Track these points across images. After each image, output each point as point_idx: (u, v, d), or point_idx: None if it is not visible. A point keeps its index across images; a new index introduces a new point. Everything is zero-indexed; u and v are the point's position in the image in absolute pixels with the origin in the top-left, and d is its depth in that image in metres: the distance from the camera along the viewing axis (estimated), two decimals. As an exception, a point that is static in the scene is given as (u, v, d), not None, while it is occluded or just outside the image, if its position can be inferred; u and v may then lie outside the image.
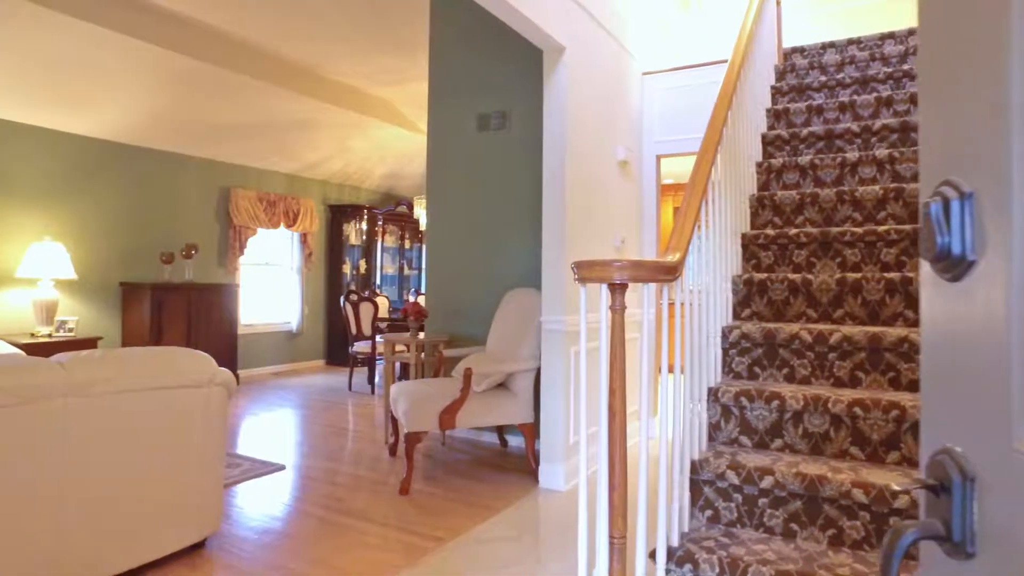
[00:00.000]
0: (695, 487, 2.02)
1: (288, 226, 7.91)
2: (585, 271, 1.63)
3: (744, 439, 2.15)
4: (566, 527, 3.06)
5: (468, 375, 3.59)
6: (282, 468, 3.95)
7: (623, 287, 1.70)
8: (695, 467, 2.00)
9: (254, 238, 7.56)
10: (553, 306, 3.58)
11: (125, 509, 2.39)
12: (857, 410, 1.96)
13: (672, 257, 1.79)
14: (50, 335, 5.31)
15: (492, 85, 4.67)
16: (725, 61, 4.39)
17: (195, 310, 6.37)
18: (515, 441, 4.51)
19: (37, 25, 4.48)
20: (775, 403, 2.07)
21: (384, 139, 7.82)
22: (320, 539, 2.90)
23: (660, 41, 4.91)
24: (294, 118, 6.72)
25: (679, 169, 7.37)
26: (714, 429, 2.22)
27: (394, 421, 4.25)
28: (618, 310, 1.71)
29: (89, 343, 5.44)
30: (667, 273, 1.72)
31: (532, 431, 3.78)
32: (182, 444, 2.58)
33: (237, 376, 6.81)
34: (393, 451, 4.27)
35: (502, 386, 3.88)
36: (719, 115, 2.46)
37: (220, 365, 6.53)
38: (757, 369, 2.36)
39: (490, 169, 4.70)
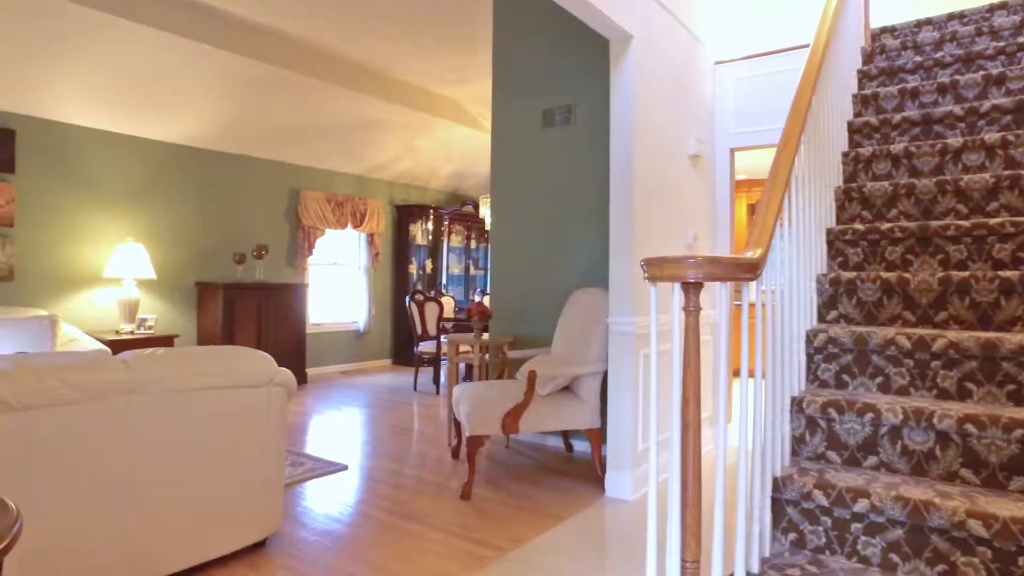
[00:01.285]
0: (777, 507, 1.83)
1: (355, 226, 8.01)
2: (656, 269, 1.49)
3: (832, 455, 1.94)
4: (633, 541, 2.90)
5: (532, 378, 3.48)
6: (345, 468, 3.94)
7: (698, 286, 1.55)
8: (777, 484, 1.81)
9: (322, 238, 7.68)
10: (621, 306, 3.42)
11: (187, 507, 2.40)
12: (970, 427, 1.73)
13: (753, 253, 1.61)
14: (132, 332, 5.52)
15: (557, 79, 4.54)
16: (804, 47, 4.11)
17: (265, 309, 6.51)
18: (581, 446, 4.37)
19: (119, 37, 4.65)
20: (868, 416, 1.86)
21: (450, 138, 7.80)
22: (380, 543, 2.84)
23: (733, 28, 4.65)
24: (361, 119, 6.78)
25: (753, 164, 7.03)
26: (797, 443, 2.02)
27: (457, 423, 4.17)
28: (692, 311, 1.55)
29: (166, 340, 5.63)
30: (747, 271, 1.55)
31: (598, 437, 3.63)
32: (242, 444, 2.57)
33: (305, 374, 6.93)
34: (456, 453, 4.20)
35: (568, 389, 3.75)
36: (802, 100, 2.25)
37: (288, 363, 6.72)
38: (846, 377, 2.14)
39: (555, 166, 4.57)
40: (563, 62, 4.50)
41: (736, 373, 5.59)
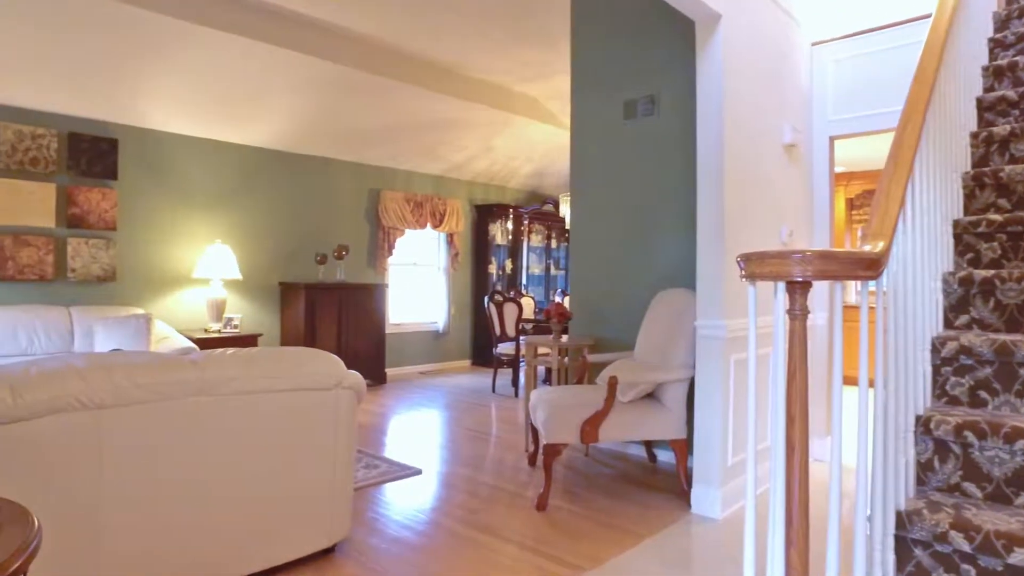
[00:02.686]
0: (902, 546, 1.56)
1: (435, 226, 8.00)
2: (755, 265, 1.27)
3: (970, 487, 1.64)
4: (722, 564, 2.65)
5: (613, 384, 3.27)
6: (419, 472, 3.86)
7: (805, 286, 1.31)
8: (902, 520, 1.54)
9: (402, 239, 7.71)
10: (709, 308, 3.15)
11: (254, 510, 2.35)
12: None
13: (873, 247, 1.36)
14: (219, 331, 5.69)
15: (639, 69, 4.30)
16: (917, 19, 3.70)
17: (345, 309, 6.57)
18: (665, 456, 4.11)
19: (204, 46, 4.78)
20: (1021, 443, 1.55)
21: (529, 136, 7.66)
22: (450, 554, 2.71)
23: (832, 5, 4.26)
24: (439, 118, 6.74)
25: (853, 154, 6.51)
26: (923, 470, 1.73)
27: (533, 429, 4.01)
28: (799, 316, 1.32)
29: (251, 339, 5.77)
30: (867, 268, 1.30)
31: (684, 448, 3.37)
32: (310, 447, 2.50)
33: (384, 374, 6.96)
34: (532, 460, 4.04)
35: (651, 397, 3.51)
36: (927, 73, 1.95)
37: (368, 363, 6.77)
38: (984, 394, 1.82)
39: (637, 160, 4.33)
40: (645, 50, 4.26)
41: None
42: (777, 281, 1.27)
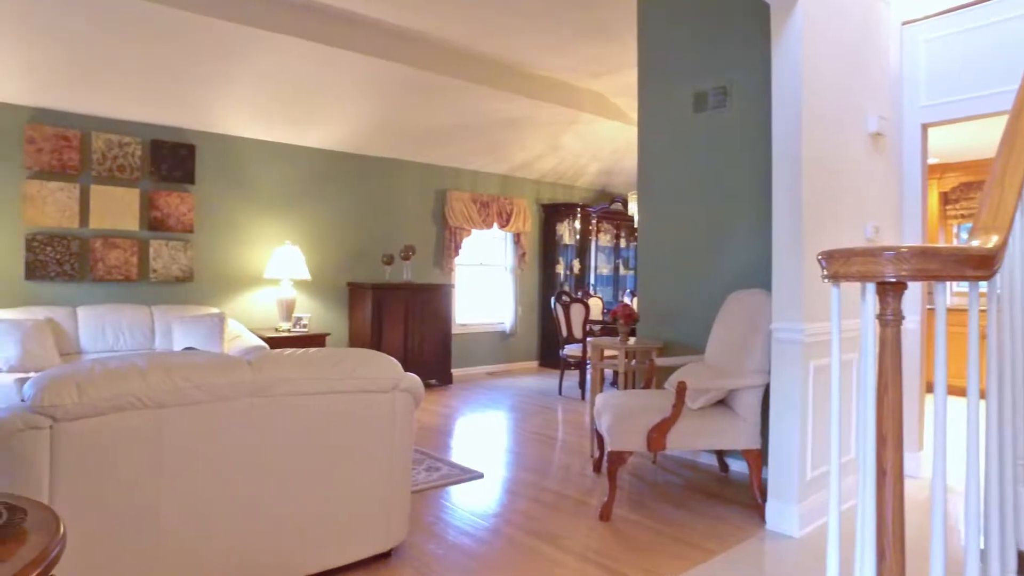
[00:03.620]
0: (1016, 586, 1.36)
1: (501, 226, 7.96)
2: (839, 264, 1.11)
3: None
4: (803, 588, 2.45)
5: (682, 389, 3.10)
6: (481, 476, 3.79)
7: (899, 287, 1.15)
8: None
9: (468, 239, 7.69)
10: (786, 310, 2.94)
11: (309, 513, 2.33)
12: None
13: (985, 242, 1.18)
14: (289, 330, 5.81)
15: (709, 59, 4.10)
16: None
17: (412, 309, 6.60)
18: (738, 465, 3.89)
19: (273, 51, 4.87)
20: None
21: (596, 133, 7.50)
22: (509, 564, 2.62)
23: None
24: (505, 117, 6.68)
25: (946, 144, 6.04)
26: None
27: (599, 434, 3.87)
28: (892, 321, 1.16)
29: (319, 339, 5.86)
30: (977, 266, 1.12)
31: (758, 459, 3.17)
32: (366, 450, 2.47)
33: (450, 375, 6.96)
34: (597, 467, 3.91)
35: (722, 404, 3.32)
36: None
37: (434, 364, 6.78)
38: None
39: (708, 154, 4.12)
40: (716, 38, 4.05)
41: (930, 390, 4.75)
42: (866, 282, 1.11)
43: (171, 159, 5.49)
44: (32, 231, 4.98)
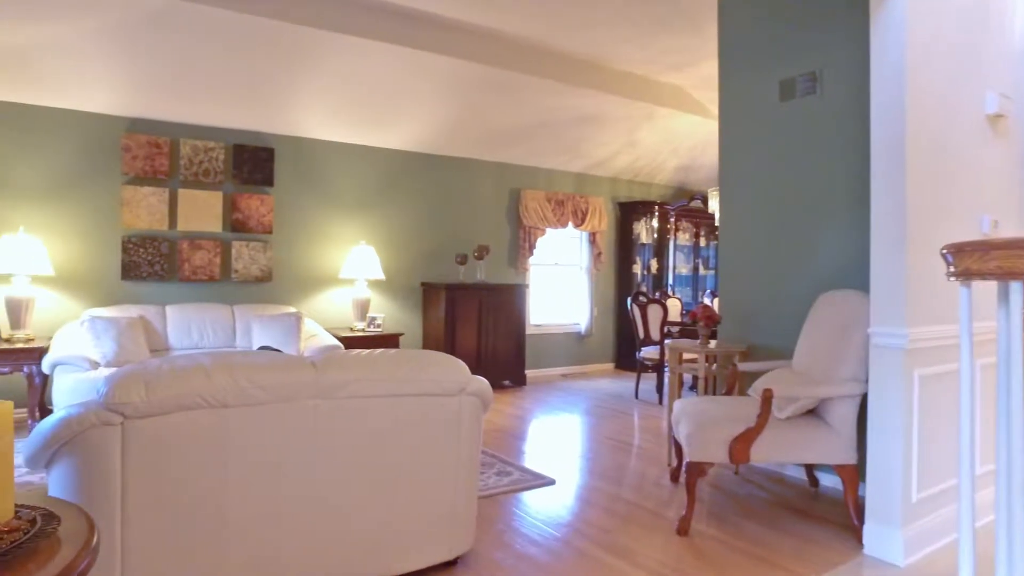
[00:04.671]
0: None
1: (576, 225, 7.80)
2: (972, 259, 0.93)
3: None
4: (908, 623, 2.19)
5: (768, 397, 2.88)
6: (553, 483, 3.67)
7: (1042, 287, 0.95)
8: None
9: (543, 238, 7.59)
10: (887, 314, 2.67)
11: (371, 518, 2.27)
12: None
13: None
14: (363, 330, 5.88)
15: (797, 43, 3.82)
16: None
17: (486, 309, 6.55)
18: (830, 480, 3.60)
19: (347, 53, 4.93)
20: None
21: (675, 128, 7.24)
22: (579, 580, 2.49)
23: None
24: (579, 114, 6.53)
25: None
26: None
27: (677, 442, 3.68)
28: (1033, 328, 0.96)
29: (392, 339, 5.90)
30: None
31: (854, 475, 2.89)
32: (431, 455, 2.39)
33: (524, 376, 6.87)
34: (675, 477, 3.71)
35: (813, 414, 3.06)
36: None
37: (508, 365, 6.70)
38: None
39: (796, 145, 3.85)
40: (804, 21, 3.77)
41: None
42: (1010, 280, 0.92)
43: (252, 162, 5.66)
44: (127, 234, 5.23)
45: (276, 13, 4.46)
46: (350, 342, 5.52)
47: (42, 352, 4.47)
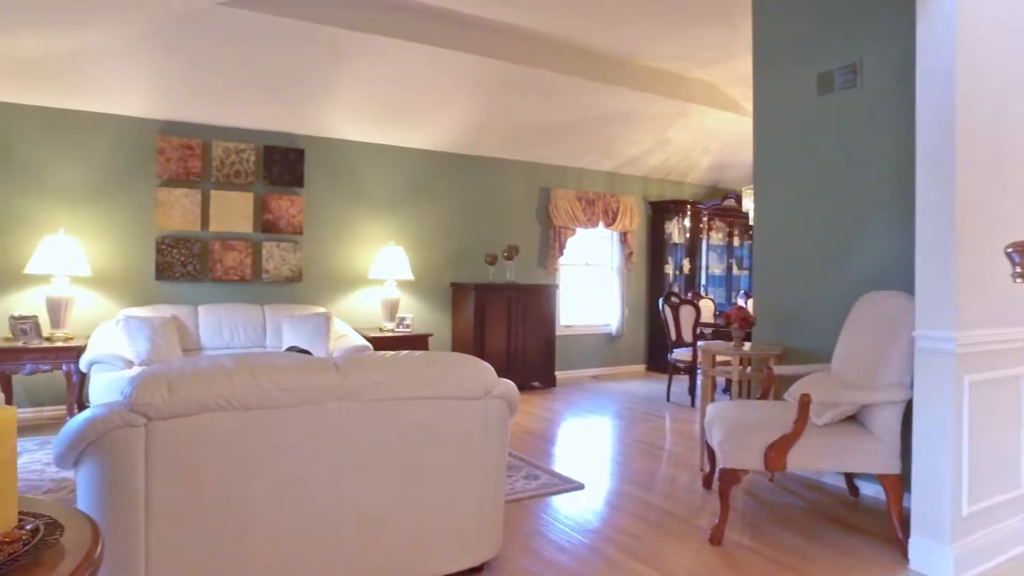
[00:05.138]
0: None
1: (607, 225, 7.70)
2: (1039, 257, 0.84)
3: None
4: (958, 644, 2.07)
5: (805, 403, 2.77)
6: (581, 487, 3.60)
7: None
8: None
9: (573, 238, 7.50)
10: (934, 316, 2.54)
11: (395, 522, 2.23)
12: None
13: None
14: (392, 330, 5.87)
15: (835, 34, 3.69)
16: None
17: (515, 310, 6.50)
18: (870, 488, 3.46)
19: (379, 54, 4.92)
20: None
21: (707, 126, 7.09)
22: (608, 589, 2.42)
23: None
24: (611, 112, 6.44)
25: None
26: None
27: (709, 447, 3.57)
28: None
29: (422, 339, 5.88)
30: None
31: (898, 486, 2.76)
32: (456, 459, 2.34)
33: (554, 377, 6.79)
34: (708, 483, 3.61)
35: (853, 420, 2.94)
36: None
37: (538, 366, 6.63)
38: None
39: (834, 140, 3.71)
40: (841, 10, 3.64)
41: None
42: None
43: (282, 163, 5.69)
44: (161, 235, 5.31)
45: (307, 15, 4.47)
46: (379, 342, 5.51)
47: (80, 351, 4.56)
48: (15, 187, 4.90)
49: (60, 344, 4.61)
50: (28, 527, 0.84)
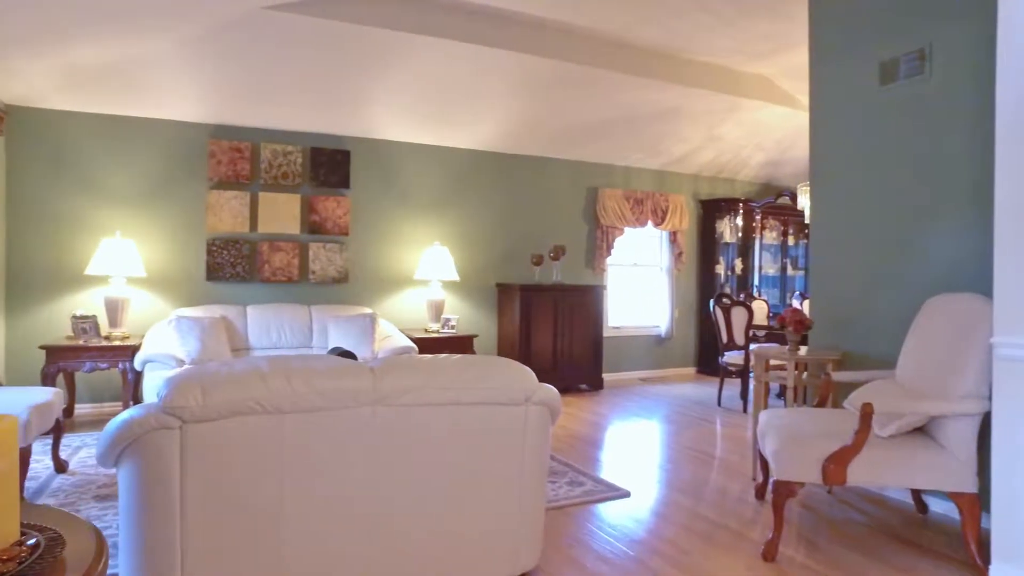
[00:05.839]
0: None
1: (656, 224, 7.52)
2: None
3: None
4: None
5: (867, 413, 2.59)
6: (627, 495, 3.48)
7: None
8: None
9: (621, 238, 7.35)
10: (1015, 320, 2.33)
11: (430, 530, 2.17)
12: None
13: None
14: (437, 331, 5.84)
15: (899, 18, 3.47)
16: None
17: (561, 311, 6.40)
18: (941, 505, 3.23)
19: (423, 53, 4.89)
20: None
21: (760, 122, 6.83)
22: (653, 606, 2.31)
23: None
24: (658, 109, 6.27)
25: None
26: None
27: (762, 457, 3.40)
28: None
29: (467, 340, 5.84)
30: None
31: (974, 506, 2.56)
32: (494, 468, 2.27)
33: (601, 380, 6.66)
34: (760, 493, 3.44)
35: (921, 432, 2.74)
36: None
37: (585, 368, 6.51)
38: None
39: (899, 133, 3.50)
40: (913, -7, 3.42)
41: None
42: None
43: (328, 165, 5.74)
44: (212, 236, 5.41)
45: (351, 16, 4.47)
46: (424, 343, 5.49)
47: (135, 349, 4.68)
48: (77, 192, 5.07)
49: (117, 343, 4.74)
50: (30, 542, 0.81)
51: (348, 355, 3.66)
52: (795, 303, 7.64)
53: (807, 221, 5.19)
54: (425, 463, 2.15)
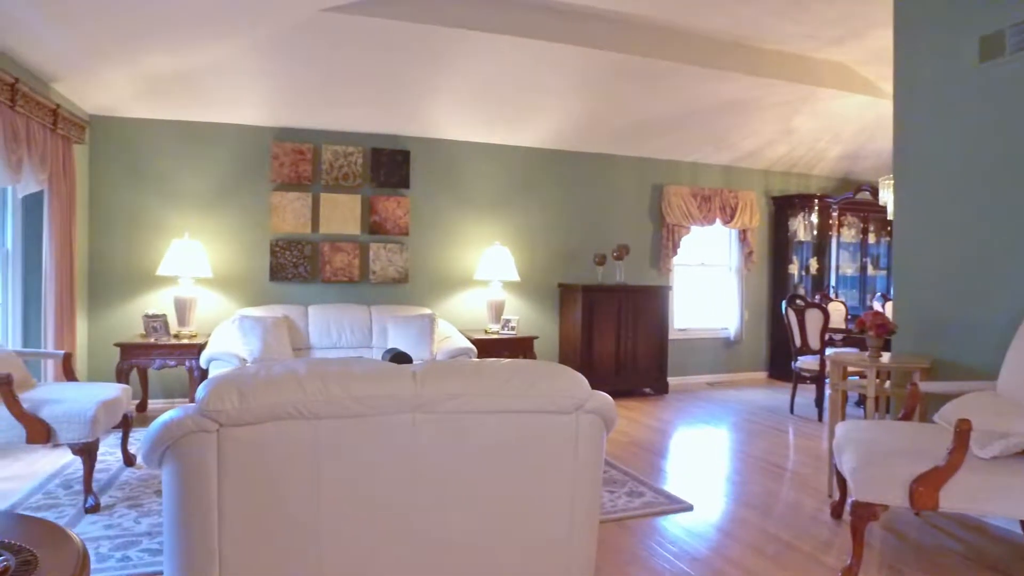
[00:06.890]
0: None
1: (725, 222, 7.21)
2: None
3: None
4: None
5: (964, 430, 2.31)
6: (690, 509, 3.28)
7: None
8: None
9: (687, 237, 7.08)
10: None
11: (475, 545, 2.05)
12: None
13: None
14: (498, 332, 5.75)
15: (1004, -11, 3.13)
16: None
17: (625, 312, 6.20)
18: (1047, 533, 2.89)
19: (482, 50, 4.80)
20: None
21: (837, 112, 6.42)
22: (716, 635, 2.12)
23: None
24: (725, 101, 5.98)
25: None
26: None
27: (839, 472, 3.14)
28: None
29: (527, 341, 5.73)
30: None
31: (1088, 536, 2.25)
32: (543, 479, 2.13)
33: (666, 383, 6.42)
34: (837, 512, 3.17)
35: (1025, 452, 2.44)
36: None
37: (649, 371, 6.29)
38: None
39: (1002, 116, 3.16)
40: (1016, -38, 3.08)
41: None
42: None
43: (388, 165, 5.74)
44: (275, 237, 5.50)
45: (408, 15, 4.43)
46: (484, 344, 5.42)
47: (201, 348, 4.79)
48: (151, 195, 5.26)
49: (185, 341, 4.87)
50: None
51: (403, 357, 3.61)
52: (876, 305, 7.17)
53: (890, 217, 4.82)
54: (469, 473, 2.04)
